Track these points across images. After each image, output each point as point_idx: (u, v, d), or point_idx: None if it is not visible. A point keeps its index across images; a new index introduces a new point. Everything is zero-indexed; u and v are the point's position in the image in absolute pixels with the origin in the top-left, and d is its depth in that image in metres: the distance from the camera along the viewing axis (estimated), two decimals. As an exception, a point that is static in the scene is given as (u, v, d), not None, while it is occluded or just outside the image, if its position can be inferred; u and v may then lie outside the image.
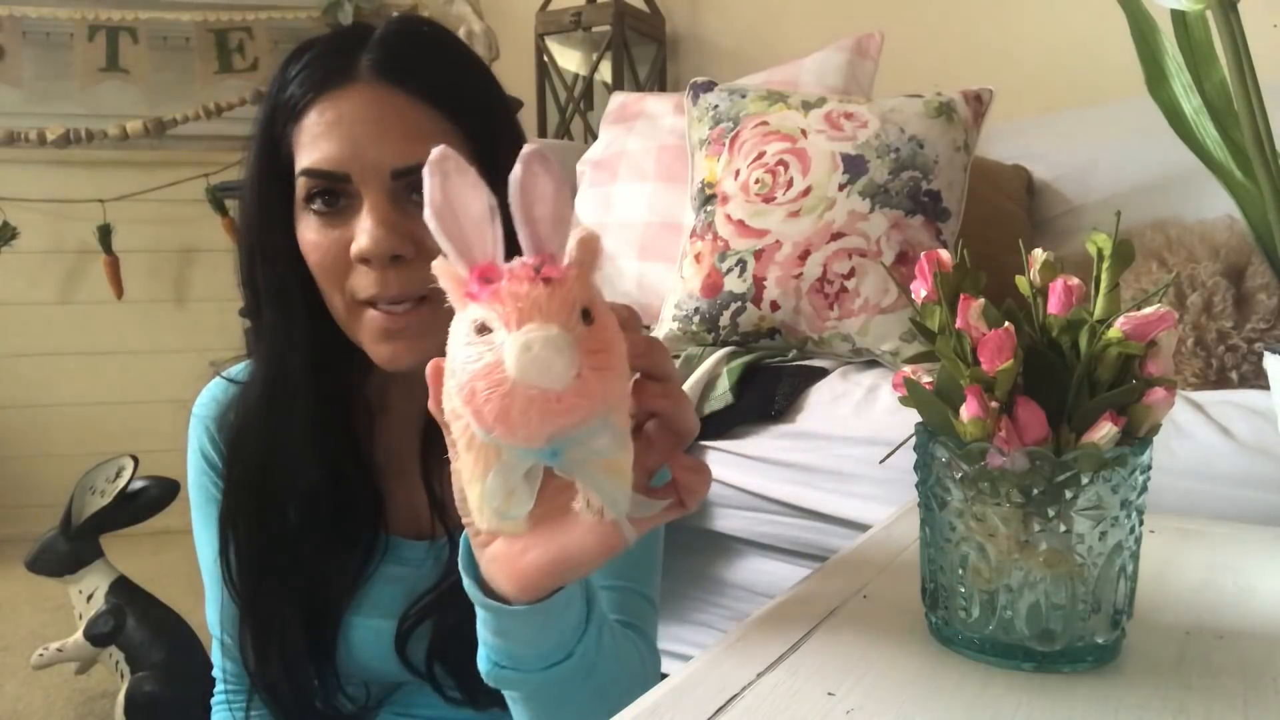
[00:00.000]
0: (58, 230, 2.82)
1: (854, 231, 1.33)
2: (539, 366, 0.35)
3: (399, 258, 0.65)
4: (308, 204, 0.67)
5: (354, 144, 0.64)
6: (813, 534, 1.22)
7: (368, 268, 0.65)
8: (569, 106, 2.52)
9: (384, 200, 0.65)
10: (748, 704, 0.45)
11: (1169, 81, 0.63)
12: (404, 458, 0.75)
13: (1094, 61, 1.80)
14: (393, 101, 0.65)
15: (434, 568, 0.75)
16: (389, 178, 0.65)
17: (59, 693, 1.83)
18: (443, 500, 0.73)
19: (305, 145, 0.66)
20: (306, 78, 0.67)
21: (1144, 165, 1.59)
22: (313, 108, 0.66)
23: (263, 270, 0.70)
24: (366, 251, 0.64)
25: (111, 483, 1.69)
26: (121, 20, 2.68)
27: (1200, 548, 0.70)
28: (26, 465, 2.84)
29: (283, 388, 0.72)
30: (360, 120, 0.65)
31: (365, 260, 0.65)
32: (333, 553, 0.74)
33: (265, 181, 0.69)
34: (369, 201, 0.65)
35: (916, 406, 0.52)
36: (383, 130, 0.65)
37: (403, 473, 0.76)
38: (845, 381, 1.27)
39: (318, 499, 0.73)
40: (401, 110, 0.65)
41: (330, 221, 0.66)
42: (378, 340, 0.67)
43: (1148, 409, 0.48)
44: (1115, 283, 0.49)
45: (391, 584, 0.75)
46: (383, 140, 0.64)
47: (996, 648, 0.50)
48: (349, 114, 0.65)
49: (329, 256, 0.66)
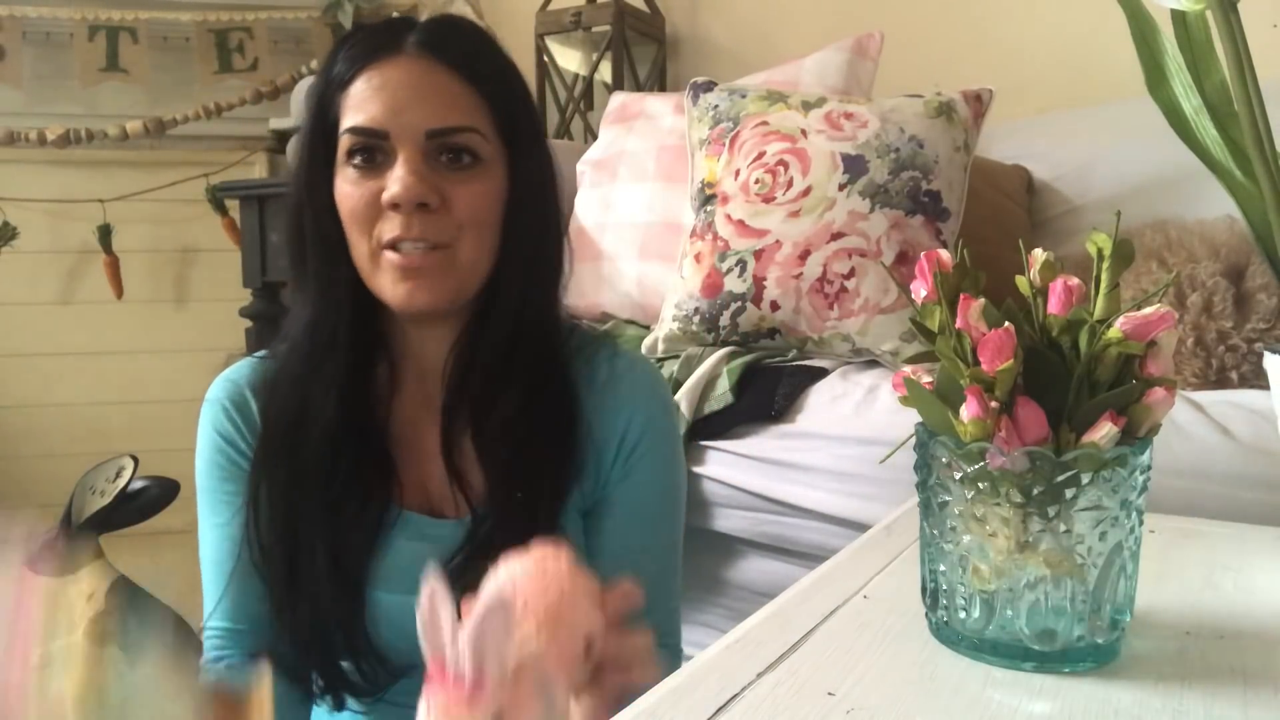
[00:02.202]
0: (58, 230, 2.82)
1: (854, 231, 1.33)
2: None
3: (425, 205, 0.73)
4: (348, 159, 0.75)
5: (395, 106, 0.73)
6: (813, 534, 1.22)
7: (396, 213, 0.73)
8: (569, 106, 2.51)
9: (417, 155, 0.73)
10: (748, 704, 0.45)
11: (1169, 81, 0.63)
12: (421, 437, 0.80)
13: (1094, 61, 1.80)
14: (432, 71, 0.74)
15: (460, 546, 0.77)
16: (424, 137, 0.73)
17: (59, 693, 1.83)
18: (464, 476, 0.78)
19: (351, 108, 0.74)
20: (356, 53, 0.75)
21: (1144, 165, 1.59)
22: (360, 76, 0.75)
23: (309, 220, 0.77)
24: (397, 197, 0.72)
25: (111, 483, 1.68)
26: (121, 20, 2.68)
27: (1200, 548, 0.70)
28: (26, 465, 2.84)
29: (326, 328, 0.78)
30: (403, 85, 0.74)
31: (395, 206, 0.72)
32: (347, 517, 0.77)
33: (313, 142, 0.77)
34: (403, 155, 0.73)
35: (916, 406, 0.52)
36: (422, 95, 0.73)
37: (419, 451, 0.80)
38: (845, 381, 1.26)
39: (338, 455, 0.77)
40: (439, 79, 0.74)
41: (366, 174, 0.74)
42: (396, 280, 0.74)
43: (1148, 409, 0.48)
44: (1115, 283, 0.49)
45: (415, 558, 0.76)
46: (422, 104, 0.73)
47: (996, 648, 0.50)
48: (393, 80, 0.74)
49: (361, 203, 0.74)
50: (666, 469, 0.85)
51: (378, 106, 0.73)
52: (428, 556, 0.76)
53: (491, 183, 0.76)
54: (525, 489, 0.77)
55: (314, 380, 0.77)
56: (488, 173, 0.76)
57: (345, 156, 0.75)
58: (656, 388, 0.86)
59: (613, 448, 0.81)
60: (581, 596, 0.51)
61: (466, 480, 0.78)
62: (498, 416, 0.78)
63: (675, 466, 0.87)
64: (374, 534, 0.78)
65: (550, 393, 0.79)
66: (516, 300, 0.79)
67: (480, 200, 0.75)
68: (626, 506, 0.82)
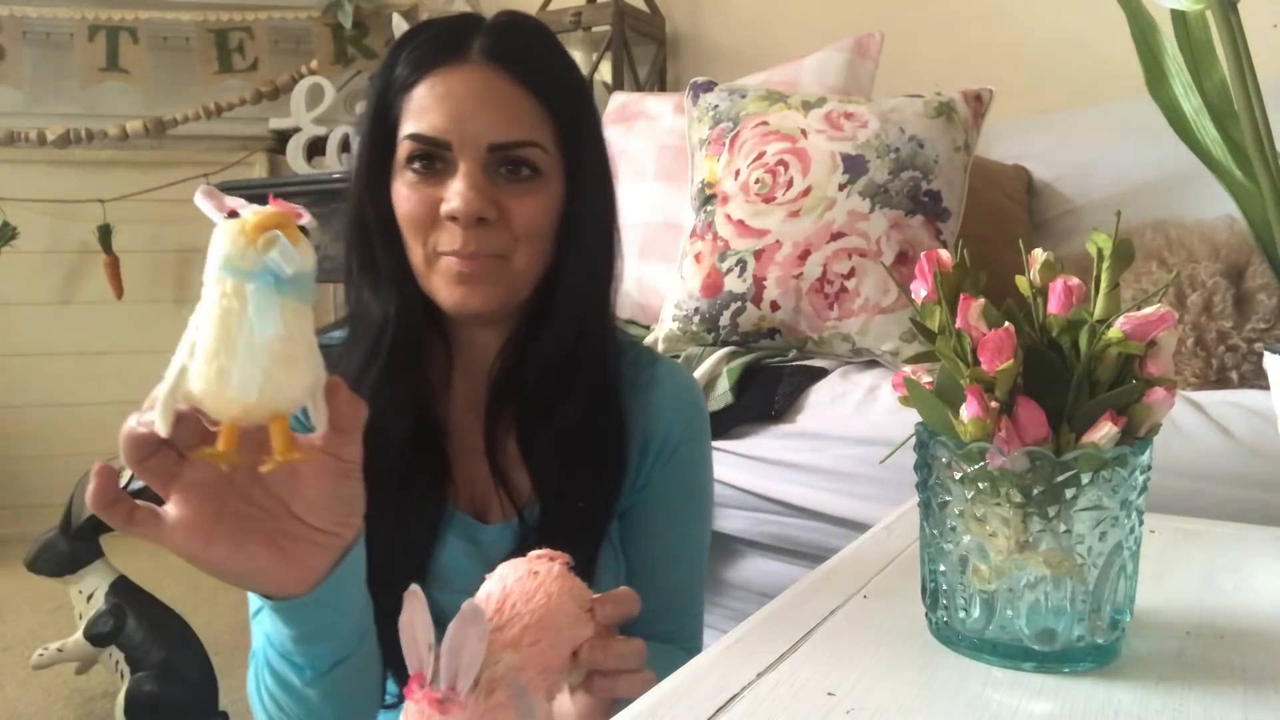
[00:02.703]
0: (58, 230, 2.82)
1: (854, 231, 1.33)
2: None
3: (483, 220, 0.72)
4: (407, 165, 0.73)
5: (459, 116, 0.72)
6: (813, 534, 1.22)
7: (454, 225, 0.72)
8: (569, 106, 2.51)
9: (477, 169, 0.72)
10: (748, 704, 0.45)
11: (1169, 81, 0.63)
12: (463, 435, 0.80)
13: (1094, 61, 1.80)
14: (498, 82, 0.73)
15: (512, 546, 0.77)
16: (485, 150, 0.72)
17: (59, 693, 1.83)
18: (508, 477, 0.78)
19: (413, 113, 0.73)
20: (422, 55, 0.74)
21: (1144, 165, 1.59)
22: (424, 81, 0.73)
23: (374, 220, 0.76)
24: (457, 211, 0.71)
25: (111, 483, 1.68)
26: (121, 20, 2.68)
27: (1200, 548, 0.70)
28: (26, 465, 2.84)
29: (403, 328, 0.76)
30: (467, 96, 0.72)
31: (454, 219, 0.71)
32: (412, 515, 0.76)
33: (373, 143, 0.75)
34: (464, 168, 0.72)
35: (916, 406, 0.52)
36: (486, 107, 0.72)
37: (462, 449, 0.80)
38: (845, 381, 1.27)
39: (414, 450, 0.76)
40: (504, 91, 0.73)
41: (425, 181, 0.73)
42: (451, 284, 0.73)
43: (1148, 409, 0.48)
44: (1115, 283, 0.49)
45: (464, 560, 0.77)
46: (486, 116, 0.72)
47: (996, 648, 0.50)
48: (458, 89, 0.72)
49: (419, 209, 0.73)
50: (699, 473, 0.86)
51: (441, 116, 0.72)
52: (475, 559, 0.76)
53: (549, 196, 0.75)
54: (584, 499, 0.77)
55: (400, 379, 0.76)
56: (546, 186, 0.75)
57: (404, 161, 0.74)
58: (694, 393, 0.87)
59: (651, 451, 0.81)
60: (570, 603, 0.51)
61: (511, 482, 0.78)
62: (555, 425, 0.77)
63: (707, 471, 0.88)
64: (434, 531, 0.77)
65: (604, 404, 0.79)
66: (577, 312, 0.78)
67: (538, 214, 0.74)
68: (661, 509, 0.82)
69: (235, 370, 0.43)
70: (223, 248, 0.43)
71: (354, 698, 0.66)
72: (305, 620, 0.57)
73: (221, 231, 0.43)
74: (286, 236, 0.43)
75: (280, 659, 0.62)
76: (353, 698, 0.66)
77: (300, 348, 0.45)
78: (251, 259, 0.43)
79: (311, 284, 0.45)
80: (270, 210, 0.44)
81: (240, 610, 2.22)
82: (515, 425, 0.78)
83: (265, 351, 0.43)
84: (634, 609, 0.55)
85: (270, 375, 0.43)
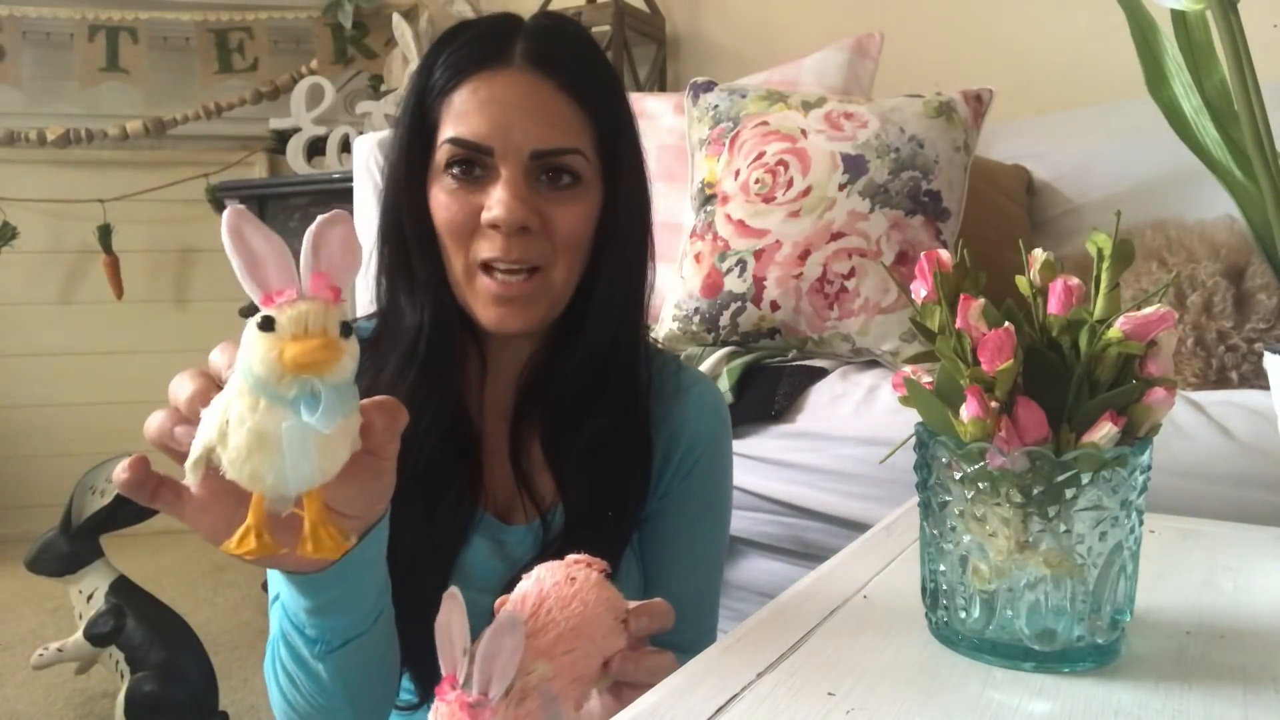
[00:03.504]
0: (58, 230, 2.82)
1: (854, 231, 1.33)
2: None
3: (525, 229, 0.71)
4: (446, 169, 0.73)
5: (502, 122, 0.70)
6: (813, 534, 1.22)
7: (495, 233, 0.71)
8: (569, 106, 2.51)
9: (520, 176, 0.71)
10: (748, 704, 0.45)
11: (1169, 81, 0.63)
12: (490, 439, 0.80)
13: (1094, 61, 1.80)
14: (541, 88, 0.72)
15: (534, 548, 0.77)
16: (528, 157, 0.71)
17: (59, 693, 1.83)
18: (531, 481, 0.78)
19: (454, 117, 0.72)
20: (462, 58, 0.73)
21: (1144, 165, 1.59)
22: (465, 84, 0.72)
23: (410, 226, 0.75)
24: (499, 219, 0.70)
25: (111, 483, 1.68)
26: (121, 20, 2.68)
27: (1200, 548, 0.70)
28: (26, 465, 2.84)
29: (441, 335, 0.75)
30: (511, 102, 0.71)
31: (495, 226, 0.70)
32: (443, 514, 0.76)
33: (409, 147, 0.74)
34: (506, 175, 0.71)
35: (916, 406, 0.52)
36: (530, 113, 0.71)
37: (489, 452, 0.80)
38: (845, 381, 1.26)
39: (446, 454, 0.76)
40: (547, 97, 0.72)
41: (465, 187, 0.72)
42: (490, 304, 0.73)
43: (1148, 409, 0.48)
44: (1115, 283, 0.49)
45: (489, 559, 0.77)
46: (529, 122, 0.71)
47: (996, 648, 0.50)
48: (501, 94, 0.71)
49: (459, 217, 0.72)
50: (721, 483, 0.86)
51: (483, 121, 0.71)
52: (499, 558, 0.77)
53: (589, 205, 0.74)
54: (612, 507, 0.77)
55: (435, 388, 0.75)
56: (586, 194, 0.74)
57: (444, 166, 0.73)
58: (719, 403, 0.87)
59: (674, 459, 0.81)
60: (606, 614, 0.51)
61: (535, 486, 0.78)
62: (584, 433, 0.77)
63: (728, 482, 0.88)
64: (464, 532, 0.77)
65: (634, 412, 0.79)
66: (612, 320, 0.78)
67: (578, 223, 0.74)
68: (682, 518, 0.82)
69: (270, 474, 0.41)
70: (253, 365, 0.39)
71: (366, 683, 0.66)
72: (322, 592, 0.57)
73: (253, 344, 0.39)
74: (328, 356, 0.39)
75: (295, 631, 0.62)
76: (365, 683, 0.66)
77: (343, 444, 0.42)
78: (286, 387, 0.39)
79: (353, 392, 0.42)
80: (314, 345, 0.39)
81: (240, 611, 2.23)
82: (540, 429, 0.78)
83: (303, 463, 0.41)
84: (668, 623, 0.54)
85: (311, 476, 0.42)
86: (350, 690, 0.65)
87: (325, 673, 0.63)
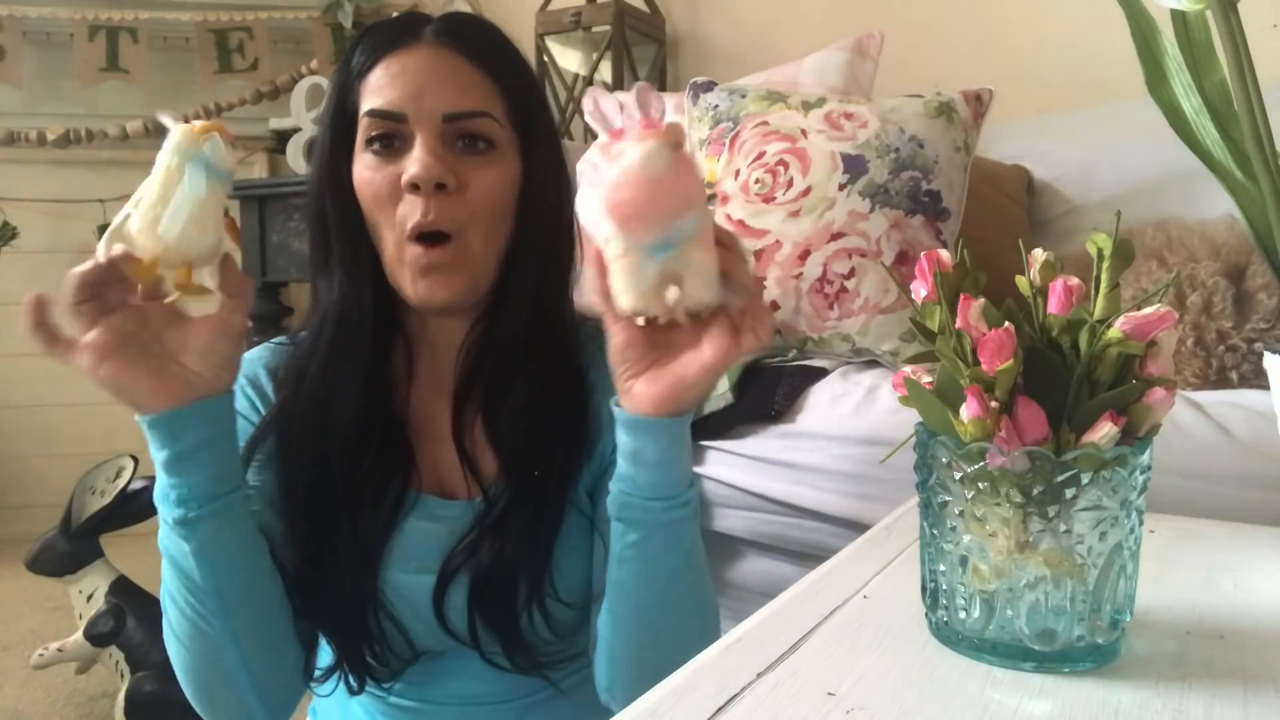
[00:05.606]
0: (58, 230, 2.82)
1: (854, 231, 1.33)
2: (657, 157, 0.57)
3: (442, 186, 0.74)
4: (367, 145, 0.76)
5: (414, 90, 0.75)
6: (813, 534, 1.22)
7: (415, 195, 0.74)
8: (569, 106, 2.51)
9: (434, 138, 0.74)
10: (748, 704, 0.45)
11: (1169, 81, 0.63)
12: (433, 420, 0.82)
13: (1094, 61, 1.80)
14: (449, 58, 0.77)
15: (471, 525, 0.79)
16: (440, 120, 0.75)
17: (59, 693, 1.83)
18: (474, 459, 0.80)
19: (371, 93, 0.76)
20: (375, 43, 0.78)
21: (1144, 165, 1.59)
22: (379, 64, 0.77)
23: (331, 210, 0.79)
24: (417, 177, 0.73)
25: (111, 483, 1.69)
26: (121, 20, 2.68)
27: (1200, 548, 0.70)
28: (26, 465, 2.84)
29: (353, 317, 0.79)
30: (421, 70, 0.76)
31: (414, 187, 0.74)
32: (366, 499, 0.79)
33: (333, 131, 0.79)
34: (421, 138, 0.74)
35: (916, 406, 0.52)
36: (439, 80, 0.76)
37: (431, 435, 0.82)
38: (845, 381, 1.26)
39: (363, 440, 0.79)
40: (456, 65, 0.77)
41: (385, 159, 0.76)
42: (417, 276, 0.76)
43: (1148, 409, 0.48)
44: (1115, 283, 0.49)
45: (427, 539, 0.79)
46: (439, 88, 0.75)
47: (996, 648, 0.50)
48: (412, 66, 0.76)
49: (382, 188, 0.75)
50: None
51: (396, 91, 0.75)
52: (439, 536, 0.79)
53: (506, 170, 0.78)
54: (540, 470, 0.78)
55: (342, 367, 0.79)
56: (502, 160, 0.77)
57: (364, 143, 0.76)
58: None
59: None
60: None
61: (477, 463, 0.80)
62: (512, 402, 0.79)
63: None
64: (392, 516, 0.79)
65: (562, 378, 0.81)
66: (532, 288, 0.80)
67: (495, 186, 0.77)
68: None
69: (164, 216, 0.64)
70: (175, 138, 0.65)
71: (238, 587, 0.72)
72: (179, 437, 0.68)
73: (175, 129, 0.65)
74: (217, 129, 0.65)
75: (166, 505, 0.71)
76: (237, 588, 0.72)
77: (212, 219, 0.65)
78: (194, 147, 0.64)
79: (228, 180, 0.66)
80: (211, 122, 0.66)
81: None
82: (481, 409, 0.81)
83: (188, 208, 0.64)
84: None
85: (187, 227, 0.64)
86: (223, 596, 0.71)
87: (198, 572, 0.71)
